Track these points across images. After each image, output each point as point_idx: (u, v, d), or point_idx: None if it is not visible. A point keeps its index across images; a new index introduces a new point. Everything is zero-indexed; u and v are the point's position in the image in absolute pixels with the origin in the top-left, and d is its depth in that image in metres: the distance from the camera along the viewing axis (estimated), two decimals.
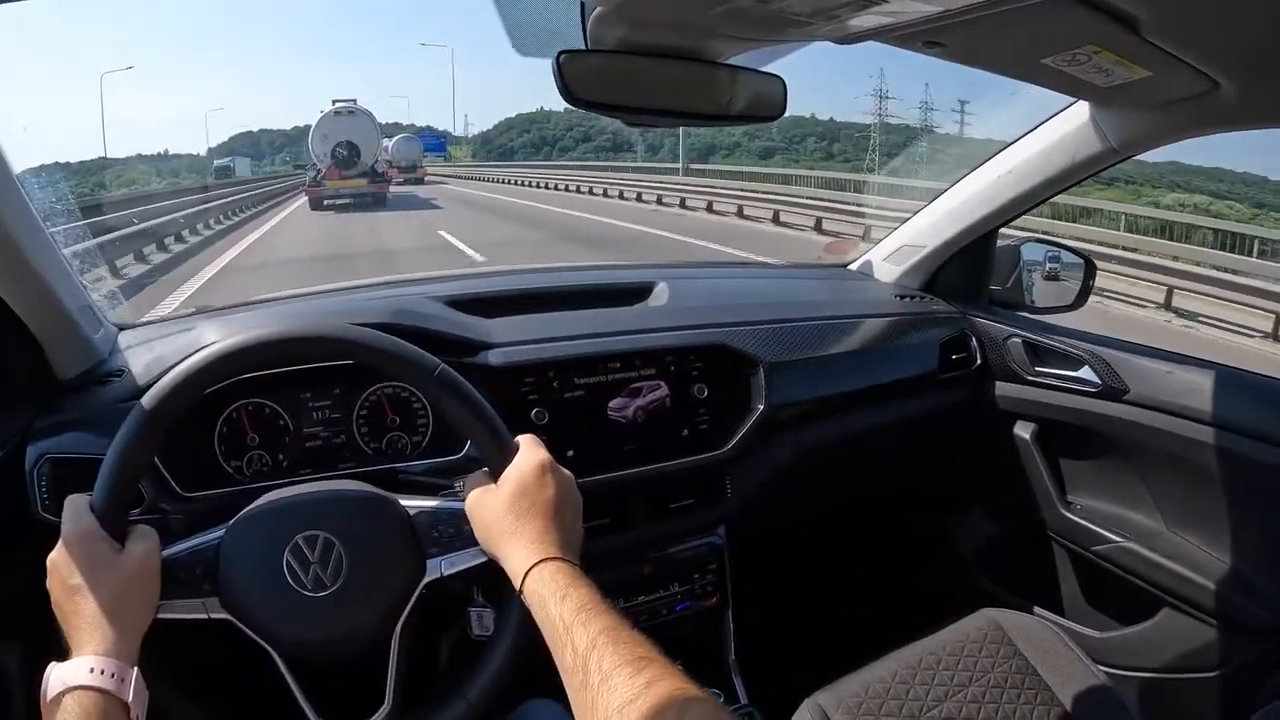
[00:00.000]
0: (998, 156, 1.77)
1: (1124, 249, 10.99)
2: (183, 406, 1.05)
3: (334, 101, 28.15)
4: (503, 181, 40.62)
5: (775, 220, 16.57)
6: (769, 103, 1.18)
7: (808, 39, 1.12)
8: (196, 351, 1.05)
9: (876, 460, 1.95)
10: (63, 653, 0.91)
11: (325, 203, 25.12)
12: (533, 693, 1.22)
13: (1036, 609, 1.85)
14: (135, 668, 0.90)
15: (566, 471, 1.07)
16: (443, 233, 16.34)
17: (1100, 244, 10.79)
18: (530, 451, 1.06)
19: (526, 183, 37.29)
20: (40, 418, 1.32)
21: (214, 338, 1.20)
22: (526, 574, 0.94)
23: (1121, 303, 9.71)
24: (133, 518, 1.05)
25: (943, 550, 2.15)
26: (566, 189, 30.06)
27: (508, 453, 1.07)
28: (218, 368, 1.05)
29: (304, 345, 1.12)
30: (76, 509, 0.99)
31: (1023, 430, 1.86)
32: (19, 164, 1.17)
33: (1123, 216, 13.46)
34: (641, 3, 0.96)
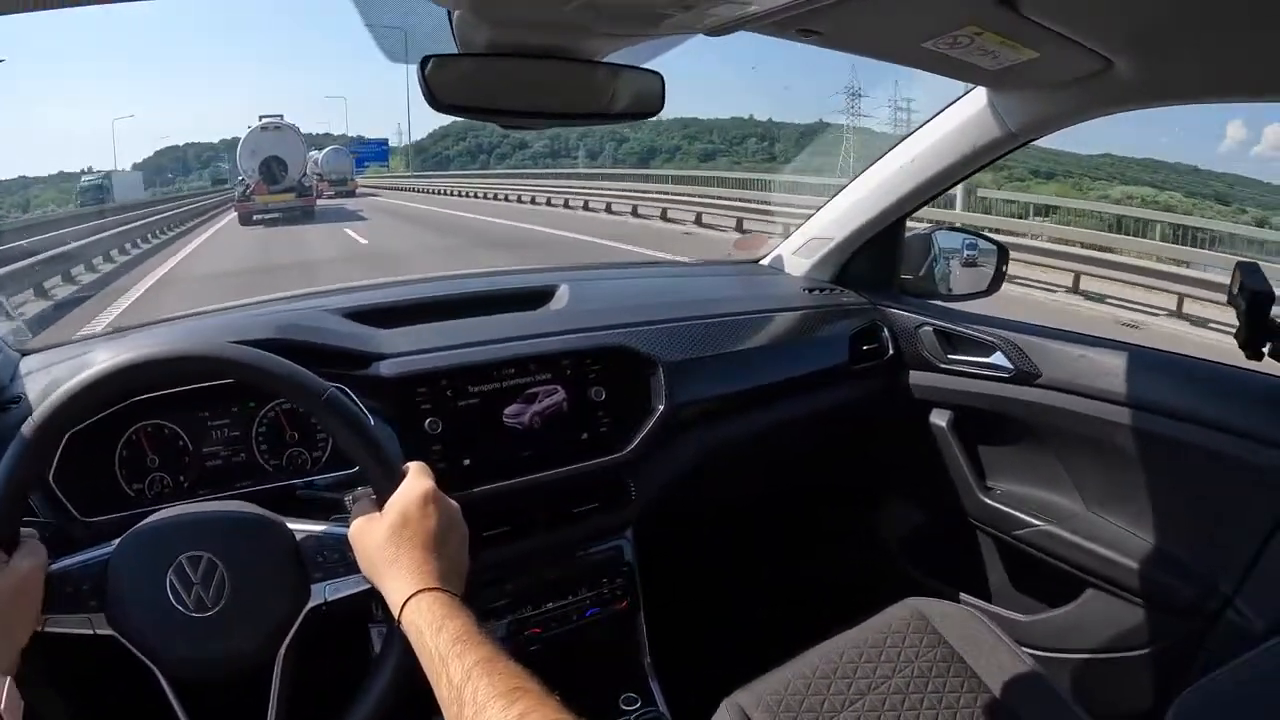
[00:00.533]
0: (899, 146, 1.77)
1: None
2: (68, 425, 1.04)
3: (260, 117, 28.25)
4: (436, 192, 39.82)
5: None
6: (647, 98, 1.16)
7: (676, 32, 1.10)
8: (82, 372, 1.03)
9: (788, 455, 1.95)
10: None
11: (255, 217, 25.30)
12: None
13: (962, 596, 1.85)
14: (9, 677, 0.90)
15: (452, 501, 1.06)
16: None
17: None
18: (415, 481, 1.05)
19: (461, 193, 36.55)
20: None
21: (105, 358, 1.16)
22: (405, 604, 0.93)
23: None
24: (30, 526, 1.04)
25: (865, 542, 2.15)
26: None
27: (394, 480, 1.06)
28: (101, 387, 1.03)
29: (191, 364, 1.10)
30: None
31: (938, 419, 1.86)
32: None
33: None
34: (496, 2, 0.93)
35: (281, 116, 28.73)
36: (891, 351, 1.88)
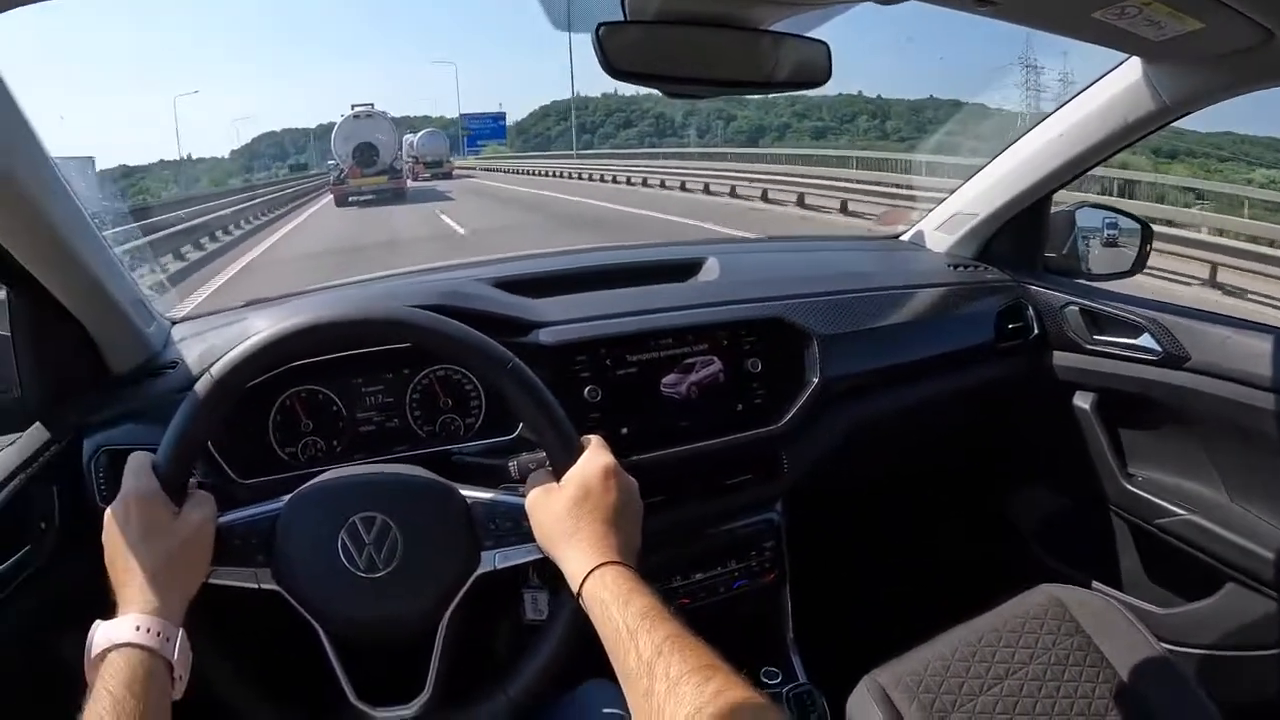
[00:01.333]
0: (1049, 119, 1.72)
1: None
2: (244, 381, 1.05)
3: (353, 106, 30.68)
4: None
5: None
6: (813, 68, 1.14)
7: (849, 1, 1.09)
8: (256, 335, 1.06)
9: (933, 433, 1.92)
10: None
11: (350, 199, 27.09)
12: (590, 674, 1.20)
13: (1096, 584, 1.80)
14: (181, 629, 0.90)
15: (630, 478, 1.06)
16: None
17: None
18: (596, 454, 1.05)
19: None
20: (95, 411, 1.34)
21: (265, 325, 1.20)
22: (586, 577, 0.94)
23: None
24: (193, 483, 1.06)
25: (1001, 524, 2.11)
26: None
27: (573, 453, 1.06)
28: (282, 345, 1.05)
29: (373, 328, 1.11)
30: (139, 468, 1.00)
31: (1082, 401, 1.81)
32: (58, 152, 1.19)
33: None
34: None
35: (372, 105, 30.97)
36: (1036, 331, 1.83)
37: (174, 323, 1.62)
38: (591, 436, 1.09)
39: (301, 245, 17.18)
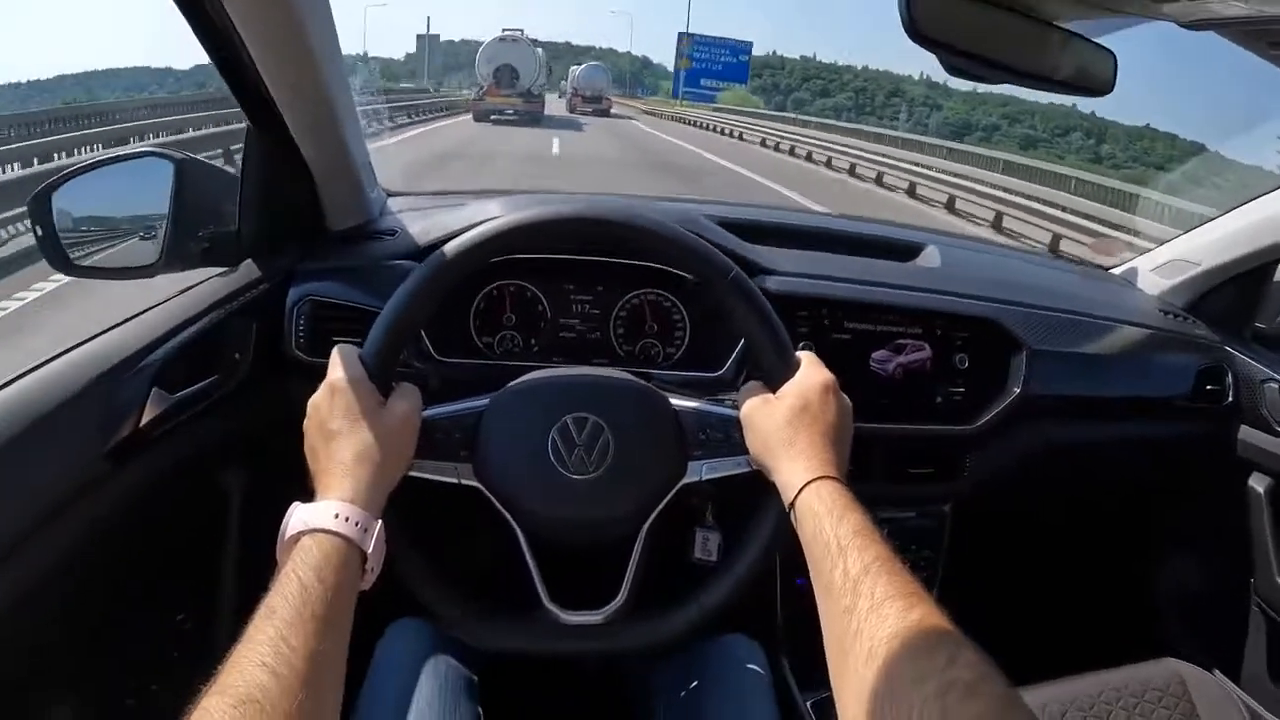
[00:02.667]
0: None
1: None
2: (473, 267, 1.06)
3: (503, 30, 33.07)
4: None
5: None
6: (1097, 76, 1.12)
7: (1155, 17, 1.07)
8: (497, 218, 1.06)
9: (1106, 475, 1.86)
10: (293, 488, 0.93)
11: (492, 117, 28.99)
12: (729, 628, 1.22)
13: (1219, 672, 1.73)
14: (379, 520, 0.89)
15: (846, 398, 1.04)
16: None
17: None
18: (815, 369, 1.04)
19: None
20: (307, 261, 1.40)
21: (498, 211, 1.21)
22: (803, 488, 0.92)
23: None
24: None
25: (1141, 586, 2.05)
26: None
27: (790, 366, 1.05)
28: (522, 234, 1.05)
29: (608, 229, 1.09)
30: (347, 357, 0.99)
31: (1257, 483, 1.72)
32: None
33: None
34: None
35: (521, 31, 33.12)
36: (1230, 399, 1.74)
37: (389, 194, 1.67)
38: (806, 352, 1.07)
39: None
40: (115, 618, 1.16)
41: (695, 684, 1.18)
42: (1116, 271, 2.05)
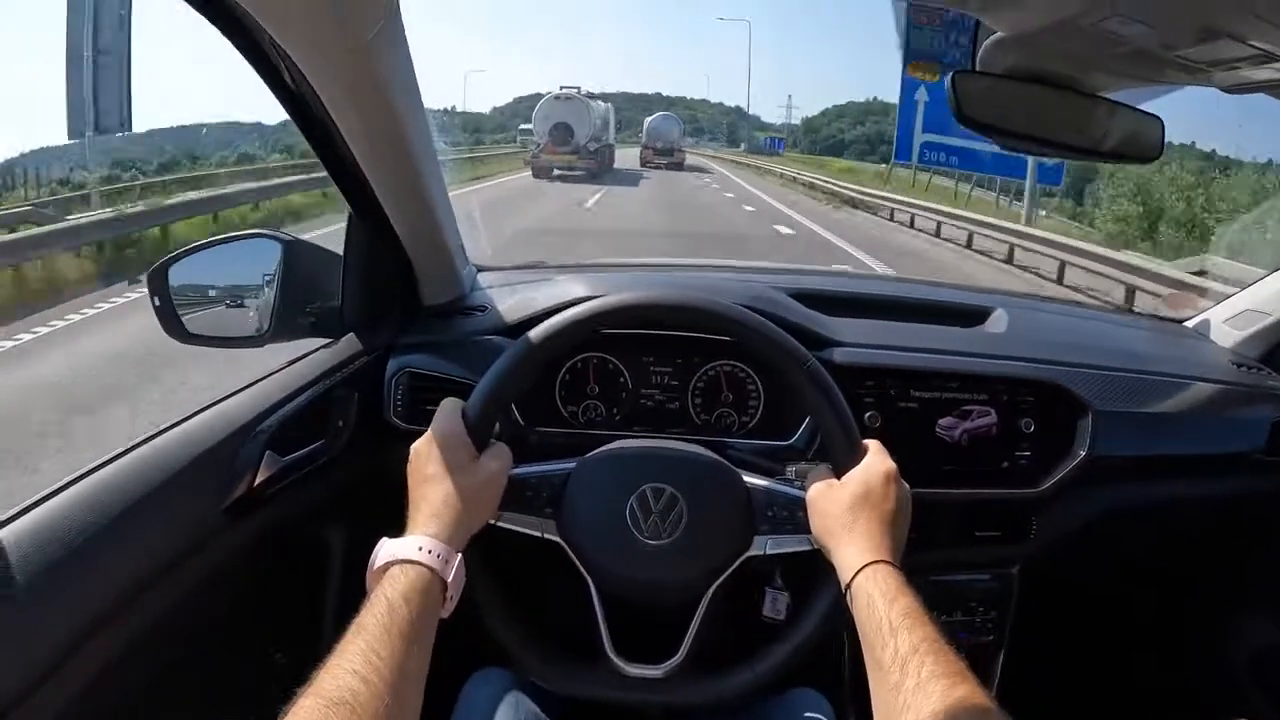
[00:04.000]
0: None
1: None
2: (568, 345, 1.16)
3: (561, 88, 32.20)
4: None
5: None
6: (1144, 143, 1.17)
7: (1194, 84, 1.11)
8: (587, 299, 1.16)
9: (1178, 535, 1.83)
10: (382, 532, 1.01)
11: (555, 173, 28.89)
12: (798, 682, 1.27)
13: None
14: (460, 555, 0.98)
15: (907, 486, 1.10)
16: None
17: None
18: (879, 458, 1.11)
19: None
20: (405, 335, 1.51)
21: (584, 291, 1.33)
22: (860, 571, 0.99)
23: None
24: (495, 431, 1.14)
25: (1220, 645, 1.99)
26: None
27: (857, 454, 1.12)
28: (613, 317, 1.15)
29: (694, 315, 1.19)
30: (451, 411, 1.09)
31: None
32: None
33: None
34: (1046, 37, 1.00)
35: (579, 89, 32.46)
36: None
37: (479, 269, 1.77)
38: (873, 441, 1.14)
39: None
40: (223, 658, 1.26)
41: None
42: (1190, 324, 2.04)
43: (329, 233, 1.69)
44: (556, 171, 28.87)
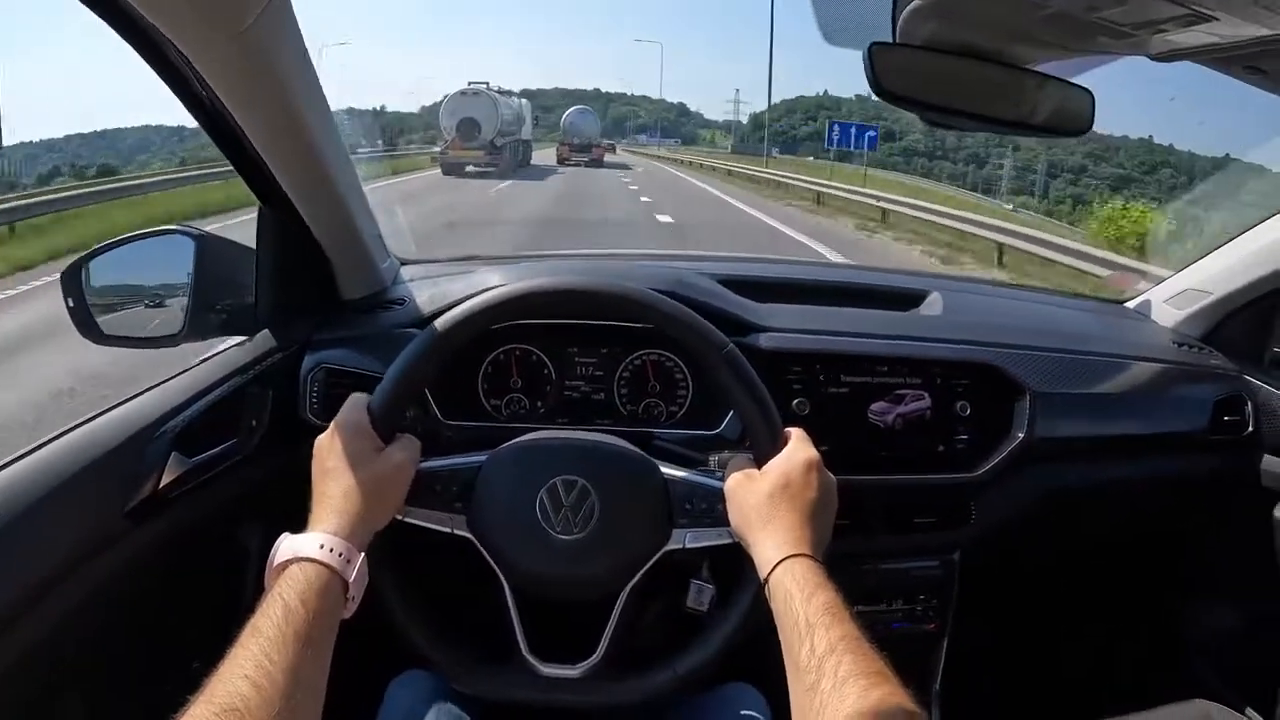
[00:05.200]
0: None
1: None
2: (473, 334, 1.11)
3: (469, 83, 32.09)
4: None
5: None
6: (1075, 116, 1.13)
7: (1123, 52, 1.08)
8: (494, 288, 1.11)
9: (1121, 516, 1.82)
10: (297, 531, 0.97)
11: (467, 169, 28.79)
12: (731, 676, 1.24)
13: (1249, 710, 1.68)
14: (363, 554, 0.95)
15: (830, 475, 1.07)
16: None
17: None
18: (800, 446, 1.08)
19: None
20: (321, 331, 1.46)
21: (499, 281, 1.27)
22: (776, 565, 0.96)
23: None
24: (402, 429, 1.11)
25: (1167, 626, 2.01)
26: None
27: (778, 443, 1.08)
28: (516, 305, 1.11)
29: (605, 300, 1.15)
30: (355, 404, 1.06)
31: None
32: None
33: None
34: (967, 3, 0.97)
35: (486, 84, 32.23)
36: (1251, 428, 1.70)
37: (403, 263, 1.73)
38: (795, 429, 1.10)
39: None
40: (132, 665, 1.21)
41: None
42: (1131, 305, 2.04)
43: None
44: (471, 169, 28.82)
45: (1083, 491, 1.66)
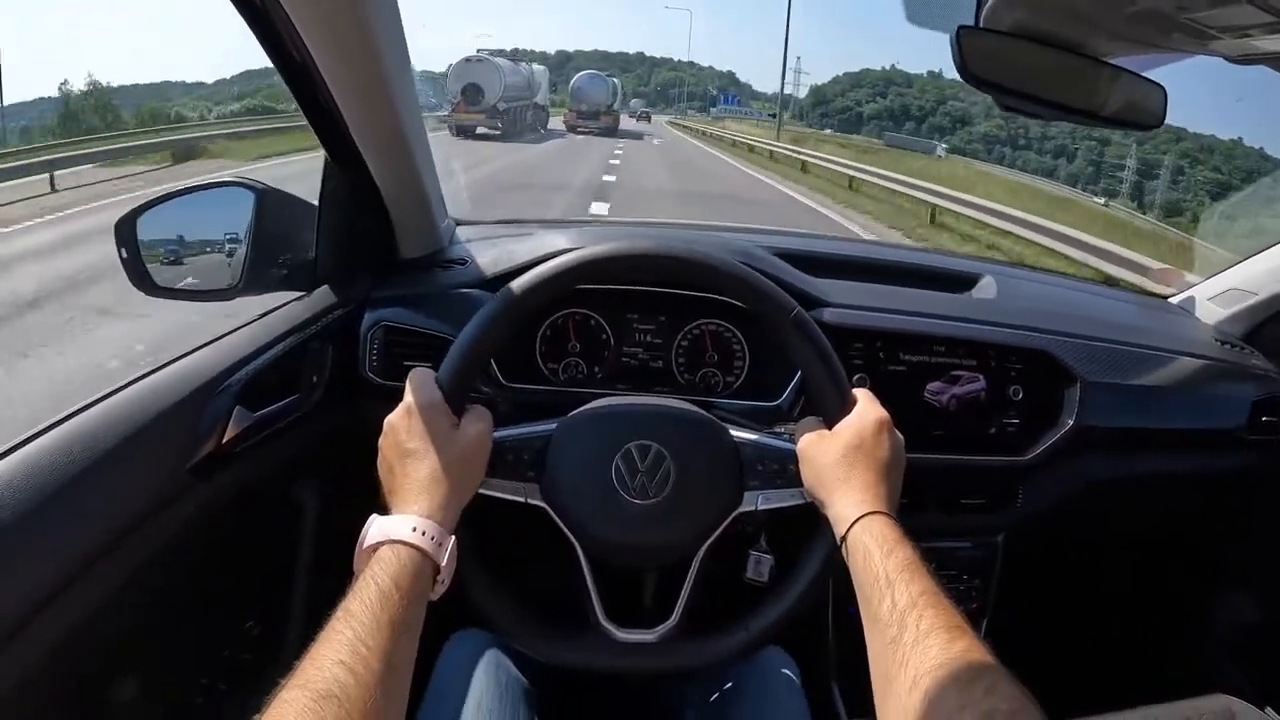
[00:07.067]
0: None
1: None
2: (550, 298, 1.10)
3: (478, 50, 33.96)
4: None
5: None
6: (1146, 110, 1.14)
7: (1201, 52, 1.09)
8: (568, 251, 1.10)
9: (1162, 509, 1.84)
10: (364, 501, 0.99)
11: (479, 131, 30.55)
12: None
13: (1270, 710, 1.70)
14: (453, 536, 0.94)
15: (900, 435, 1.08)
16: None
17: None
18: (870, 406, 1.08)
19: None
20: (380, 288, 1.47)
21: (566, 244, 1.29)
22: (854, 523, 0.97)
23: None
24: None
25: (1194, 616, 2.02)
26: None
27: (847, 404, 1.09)
28: (599, 267, 1.10)
29: (679, 265, 1.13)
30: (423, 381, 1.04)
31: None
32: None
33: None
34: None
35: (489, 52, 33.91)
36: None
37: (458, 223, 1.73)
38: (863, 390, 1.11)
39: None
40: (191, 622, 1.22)
41: (728, 692, 1.22)
42: (1175, 300, 2.05)
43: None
44: (482, 130, 30.43)
45: (1120, 482, 1.67)
